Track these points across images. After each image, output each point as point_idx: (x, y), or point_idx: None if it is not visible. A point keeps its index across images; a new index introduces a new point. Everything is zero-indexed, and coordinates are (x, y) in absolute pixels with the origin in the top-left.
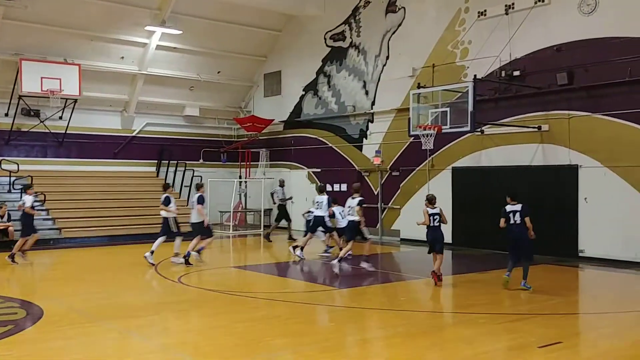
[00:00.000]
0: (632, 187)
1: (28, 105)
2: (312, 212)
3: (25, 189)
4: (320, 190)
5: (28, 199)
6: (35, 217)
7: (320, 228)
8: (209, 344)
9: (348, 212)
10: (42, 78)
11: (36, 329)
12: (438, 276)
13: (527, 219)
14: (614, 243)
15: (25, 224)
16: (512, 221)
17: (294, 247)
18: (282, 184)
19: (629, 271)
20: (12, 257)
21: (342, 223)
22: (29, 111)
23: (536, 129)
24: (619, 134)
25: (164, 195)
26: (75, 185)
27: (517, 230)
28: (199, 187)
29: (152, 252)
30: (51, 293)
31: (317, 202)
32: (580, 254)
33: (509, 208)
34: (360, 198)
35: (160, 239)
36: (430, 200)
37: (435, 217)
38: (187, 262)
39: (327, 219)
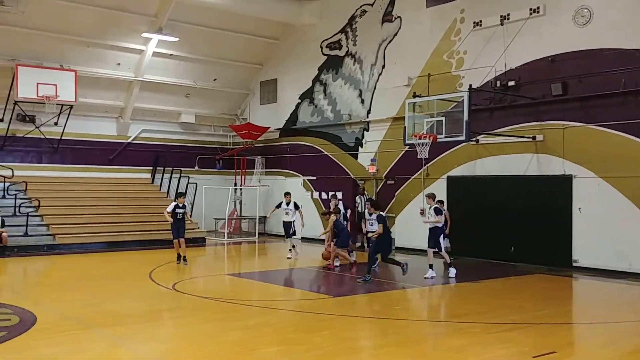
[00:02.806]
0: (625, 198)
1: (23, 111)
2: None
3: (177, 196)
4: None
5: (170, 205)
6: (183, 224)
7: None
8: (202, 351)
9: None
10: (37, 84)
11: (28, 336)
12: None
13: (381, 226)
14: (608, 253)
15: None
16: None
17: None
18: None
19: (623, 281)
20: (181, 259)
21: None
22: (24, 117)
23: (531, 139)
24: (612, 144)
25: (434, 206)
26: (70, 191)
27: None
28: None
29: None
30: (44, 300)
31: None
32: (575, 264)
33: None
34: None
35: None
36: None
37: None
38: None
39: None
